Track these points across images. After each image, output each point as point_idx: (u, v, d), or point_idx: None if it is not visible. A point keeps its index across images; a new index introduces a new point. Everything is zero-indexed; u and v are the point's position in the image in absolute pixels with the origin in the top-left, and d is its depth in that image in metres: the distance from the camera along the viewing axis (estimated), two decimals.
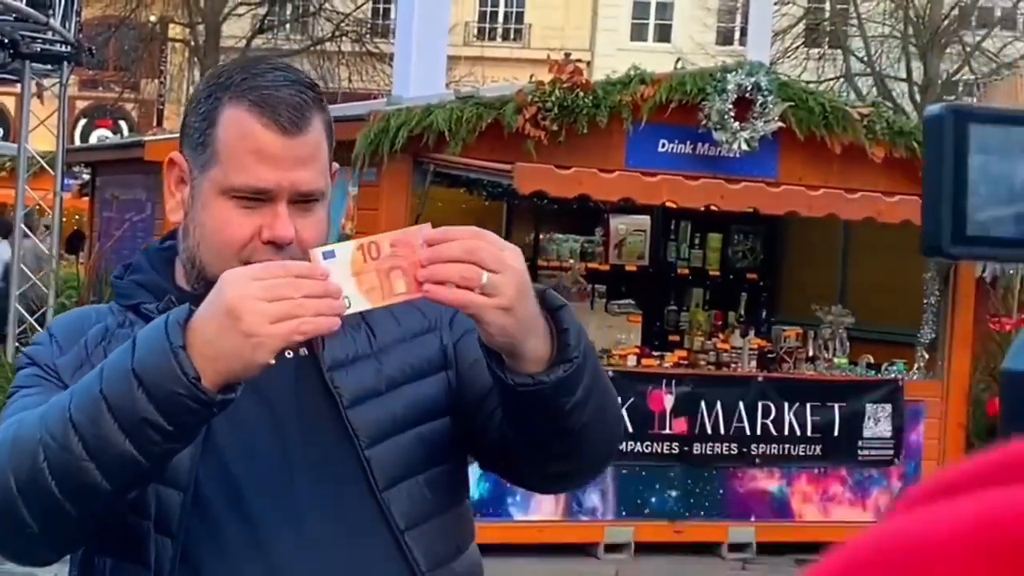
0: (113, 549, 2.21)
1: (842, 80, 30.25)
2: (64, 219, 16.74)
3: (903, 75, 30.00)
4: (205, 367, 1.94)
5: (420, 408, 2.31)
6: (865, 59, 30.55)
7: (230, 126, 2.22)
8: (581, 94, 10.89)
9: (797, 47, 30.96)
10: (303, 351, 2.24)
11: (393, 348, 2.33)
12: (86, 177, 18.57)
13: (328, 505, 2.22)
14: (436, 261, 2.00)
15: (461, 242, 2.01)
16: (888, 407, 11.58)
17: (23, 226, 13.87)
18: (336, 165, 2.35)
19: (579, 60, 11.80)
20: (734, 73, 11.27)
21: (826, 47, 32.31)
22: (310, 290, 1.96)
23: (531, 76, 11.33)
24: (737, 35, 36.97)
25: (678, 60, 12.73)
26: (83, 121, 40.81)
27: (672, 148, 11.36)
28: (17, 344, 12.91)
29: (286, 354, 2.12)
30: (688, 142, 11.33)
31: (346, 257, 2.04)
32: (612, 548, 11.00)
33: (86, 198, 18.06)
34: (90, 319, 2.35)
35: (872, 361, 11.92)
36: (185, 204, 2.28)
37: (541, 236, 13.59)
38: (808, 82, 18.25)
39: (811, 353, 12.02)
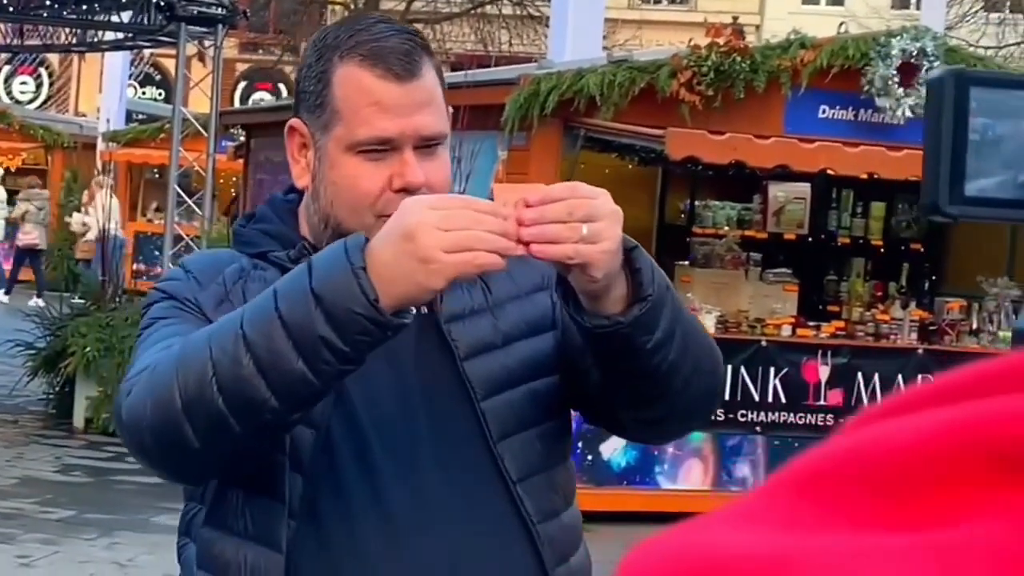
0: (247, 483, 2.26)
1: (1023, 46, 29.41)
2: (221, 181, 16.90)
3: None
4: (383, 290, 1.98)
5: (533, 364, 2.36)
6: None
7: (345, 83, 2.27)
8: (738, 59, 10.70)
9: (976, 11, 30.15)
10: (424, 308, 2.26)
11: (508, 304, 2.39)
12: (241, 139, 18.71)
13: (444, 455, 2.28)
14: (539, 222, 2.03)
15: (562, 202, 2.04)
16: None
17: (176, 187, 13.95)
18: (450, 109, 2.37)
19: (747, 24, 11.54)
20: (899, 38, 11.00)
21: (1007, 11, 31.43)
22: (490, 226, 2.00)
23: (689, 40, 11.13)
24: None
25: (841, 24, 12.42)
26: (243, 84, 41.26)
27: (833, 114, 11.16)
28: None
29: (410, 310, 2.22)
30: (850, 108, 11.12)
31: None
32: None
33: (241, 160, 18.19)
34: (223, 259, 2.40)
35: None
36: (312, 167, 2.33)
37: (697, 203, 13.37)
38: (987, 48, 17.81)
39: (975, 326, 11.69)
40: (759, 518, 0.68)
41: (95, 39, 17.35)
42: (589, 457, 10.22)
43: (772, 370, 10.73)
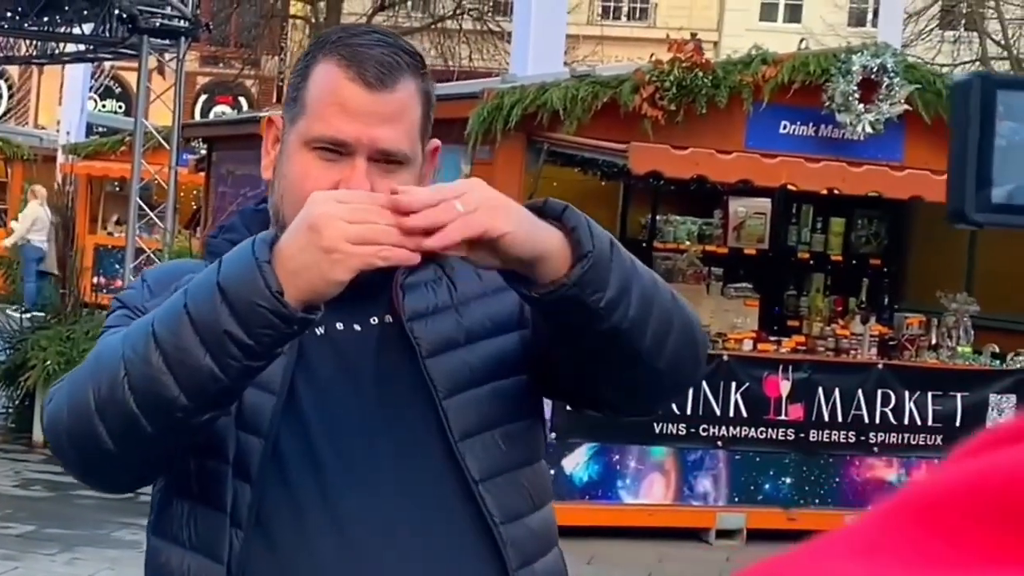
0: (192, 493, 2.23)
1: (977, 63, 29.58)
2: (182, 194, 16.85)
3: None
4: (287, 282, 1.97)
5: (498, 362, 2.31)
6: (1002, 42, 29.90)
7: (318, 79, 2.26)
8: (700, 74, 10.73)
9: (931, 29, 30.35)
10: (388, 317, 2.29)
11: (473, 302, 2.34)
12: (203, 152, 18.67)
13: (403, 457, 2.24)
14: (418, 210, 2.01)
15: (425, 194, 2.03)
16: (1013, 398, 11.30)
17: (138, 200, 13.91)
18: (437, 141, 2.35)
19: (705, 40, 11.60)
20: (860, 54, 11.06)
21: (962, 29, 31.63)
22: (395, 222, 1.99)
23: (651, 55, 11.17)
24: (870, 16, 36.31)
25: (802, 40, 12.49)
26: (203, 97, 41.16)
27: (793, 130, 11.20)
28: None
29: (371, 320, 2.28)
30: (810, 124, 11.17)
31: None
32: (724, 534, 10.85)
33: (203, 173, 18.16)
34: (183, 270, 2.37)
35: (997, 350, 11.63)
36: (275, 162, 2.33)
37: (658, 217, 13.42)
38: (942, 65, 17.94)
39: (934, 341, 11.75)
40: (879, 548, 0.65)
41: (56, 51, 17.30)
42: (552, 471, 10.15)
43: (733, 385, 10.76)
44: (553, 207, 2.10)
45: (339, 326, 2.26)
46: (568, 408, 2.55)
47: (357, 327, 2.26)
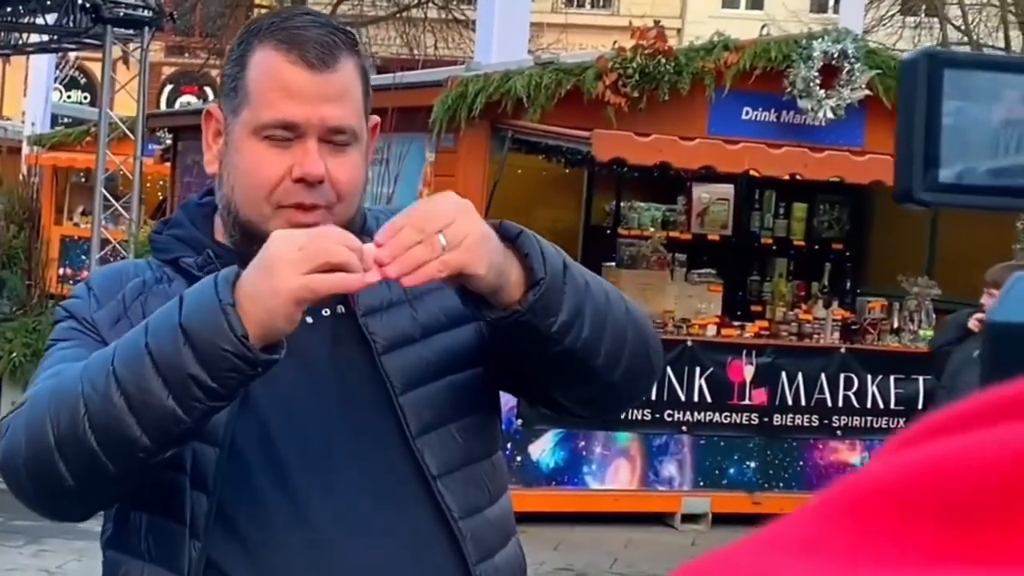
0: (149, 504, 2.20)
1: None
2: (148, 185, 16.83)
3: (1001, 45, 29.43)
4: (251, 325, 1.95)
5: (453, 356, 2.30)
6: (962, 28, 29.99)
7: (258, 66, 2.23)
8: (663, 61, 10.78)
9: (892, 15, 30.40)
10: (340, 308, 2.27)
11: (427, 296, 2.32)
12: (168, 143, 18.63)
13: (362, 455, 2.22)
14: (396, 254, 2.01)
15: (408, 227, 2.01)
16: None
17: (103, 190, 13.90)
18: (376, 118, 2.34)
19: (669, 28, 11.64)
20: (820, 40, 11.12)
21: (922, 15, 31.69)
22: (343, 256, 1.98)
23: (614, 43, 11.21)
24: (831, 2, 36.36)
25: (764, 27, 12.56)
26: (169, 87, 41.03)
27: (756, 116, 11.26)
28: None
29: (323, 312, 2.24)
30: (772, 110, 11.23)
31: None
32: (689, 518, 10.93)
33: (168, 164, 18.12)
34: (128, 273, 2.35)
35: None
36: (221, 154, 2.29)
37: (622, 204, 13.46)
38: (903, 51, 18.00)
39: (896, 325, 11.84)
40: (818, 546, 0.62)
41: (19, 42, 17.24)
42: (518, 458, 10.28)
43: (698, 370, 10.84)
44: (508, 230, 2.10)
45: None
46: None
47: (309, 319, 2.17)
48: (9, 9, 15.24)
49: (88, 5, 13.67)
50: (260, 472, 2.19)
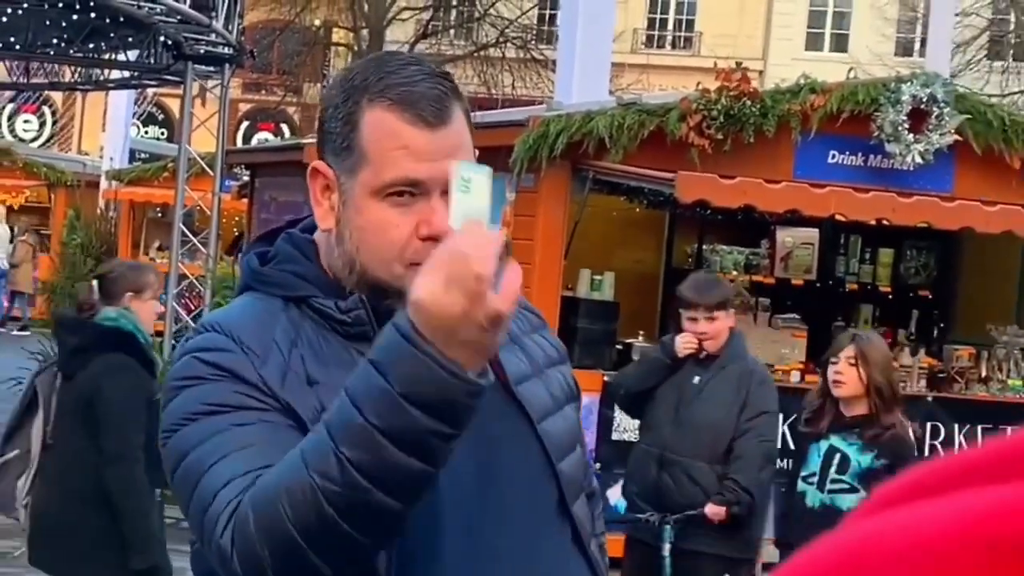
0: None
1: None
2: (223, 220, 16.84)
3: None
4: (465, 360, 1.93)
5: (576, 429, 2.43)
6: None
7: (374, 127, 2.22)
8: (748, 103, 10.65)
9: (980, 60, 30.14)
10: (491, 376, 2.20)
11: (546, 370, 2.41)
12: (245, 179, 18.68)
13: (529, 523, 2.29)
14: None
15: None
16: None
17: (181, 226, 13.90)
18: (476, 152, 2.32)
19: (750, 69, 11.51)
20: (909, 84, 10.95)
21: (1010, 60, 31.41)
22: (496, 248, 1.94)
23: (698, 84, 11.08)
24: (917, 46, 36.08)
25: (851, 69, 12.38)
26: (245, 124, 41.30)
27: (842, 159, 11.10)
28: (174, 342, 12.93)
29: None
30: (859, 154, 11.07)
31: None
32: (768, 567, 10.70)
33: (245, 200, 18.16)
34: (262, 319, 2.28)
35: None
36: (336, 210, 2.27)
37: (704, 247, 13.30)
38: (991, 95, 17.79)
39: (984, 374, 11.62)
40: None
41: (101, 77, 17.35)
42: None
43: (782, 416, 10.62)
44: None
45: None
46: (612, 438, 2.65)
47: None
48: (91, 45, 15.32)
49: (169, 42, 13.71)
50: (423, 542, 2.20)
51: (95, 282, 6.69)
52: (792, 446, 10.65)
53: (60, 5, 13.77)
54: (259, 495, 2.04)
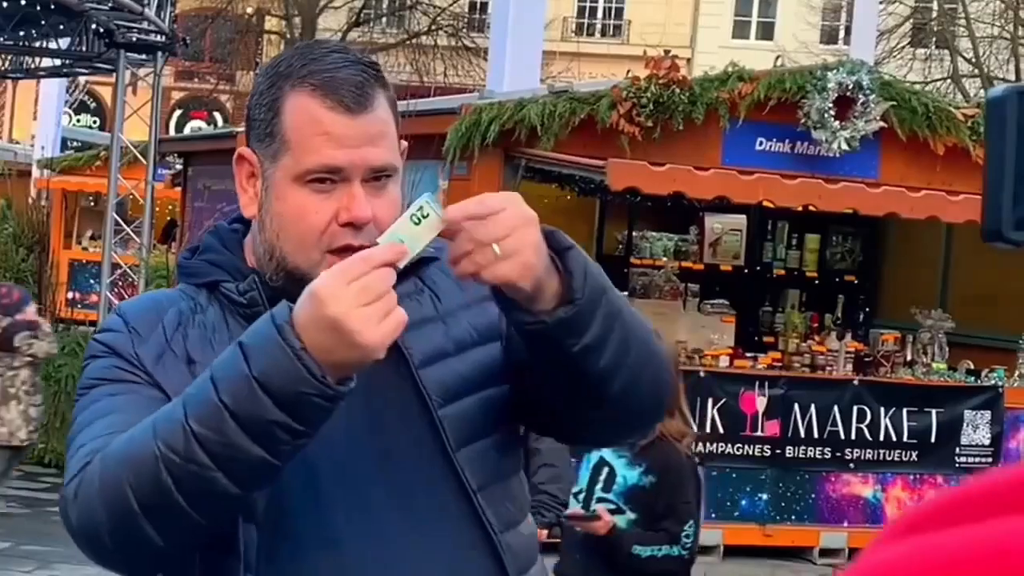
0: (202, 548, 2.20)
1: (949, 81, 29.68)
2: (157, 209, 16.81)
3: (1012, 77, 29.43)
4: (325, 363, 1.94)
5: (486, 371, 2.29)
6: (973, 60, 29.99)
7: (295, 113, 2.22)
8: (677, 91, 10.76)
9: (903, 47, 30.41)
10: None
11: (458, 312, 2.32)
12: (179, 167, 18.63)
13: (402, 470, 2.23)
14: (455, 259, 2.03)
15: (463, 236, 2.02)
16: (987, 414, 11.34)
17: (115, 215, 13.88)
18: (404, 143, 2.32)
19: (678, 57, 11.63)
20: (835, 71, 11.09)
21: (933, 47, 31.70)
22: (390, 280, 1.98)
23: (627, 72, 11.19)
24: (842, 34, 36.40)
25: (778, 57, 12.54)
26: (178, 112, 41.10)
27: (770, 147, 11.23)
28: None
29: None
30: (787, 141, 11.20)
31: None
32: (700, 550, 10.82)
33: (178, 188, 18.11)
34: (162, 304, 2.33)
35: (972, 367, 11.69)
36: (259, 197, 2.27)
37: (634, 233, 13.44)
38: (914, 83, 18.02)
39: (909, 357, 11.80)
40: None
41: (32, 65, 17.26)
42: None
43: (710, 401, 10.78)
44: (558, 241, 2.08)
45: None
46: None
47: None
48: (21, 33, 15.24)
49: (101, 30, 13.68)
50: (298, 499, 2.19)
51: None
52: (721, 431, 10.82)
53: None
54: (108, 457, 2.08)
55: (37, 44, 15.68)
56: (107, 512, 2.07)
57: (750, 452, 10.95)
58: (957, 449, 11.29)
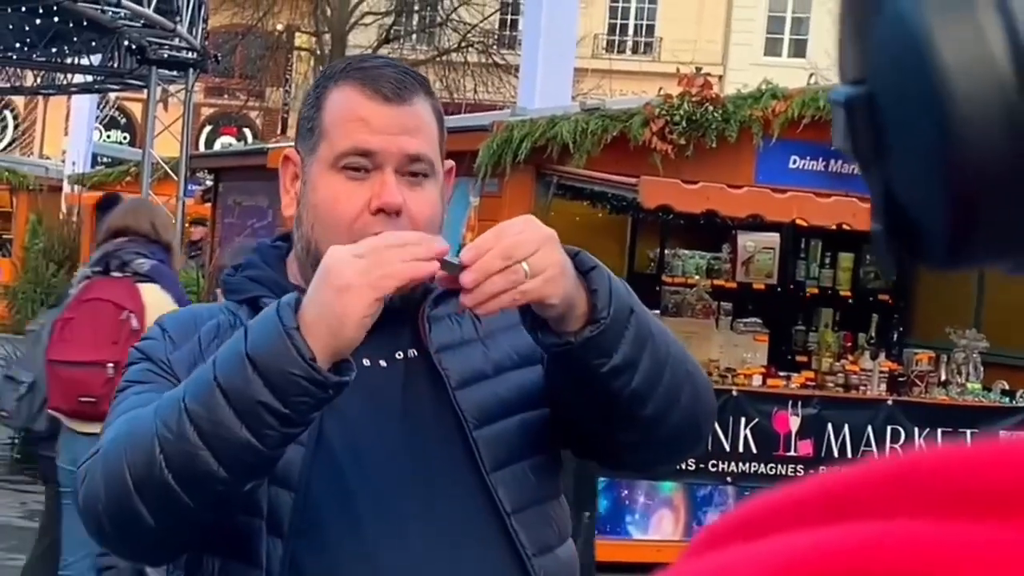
0: (223, 550, 2.19)
1: None
2: (187, 225, 16.82)
3: None
4: (315, 340, 1.94)
5: (525, 394, 2.29)
6: None
7: (336, 104, 2.25)
8: (710, 108, 10.71)
9: None
10: (412, 351, 2.27)
11: (499, 334, 2.32)
12: (209, 183, 18.66)
13: (435, 490, 2.21)
14: (479, 282, 1.99)
15: (494, 251, 2.00)
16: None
17: None
18: (451, 162, 2.35)
19: (710, 74, 11.59)
20: None
21: None
22: (410, 251, 1.99)
23: (659, 89, 11.15)
24: None
25: (811, 75, 12.47)
26: (208, 128, 41.23)
27: (803, 165, 11.17)
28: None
29: (397, 355, 2.25)
30: (820, 159, 11.14)
31: None
32: None
33: (208, 204, 18.14)
34: (202, 316, 2.36)
35: (1007, 387, 11.58)
36: (298, 196, 2.30)
37: (666, 251, 13.38)
38: None
39: (943, 377, 11.70)
40: None
41: (64, 81, 17.31)
42: None
43: (743, 420, 10.71)
44: (583, 262, 2.08)
45: (365, 363, 2.20)
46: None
47: (383, 363, 2.24)
48: (54, 49, 15.29)
49: (133, 47, 13.71)
50: (333, 517, 2.17)
51: None
52: (754, 450, 10.74)
53: (23, 9, 13.76)
54: (115, 438, 2.11)
55: (69, 60, 15.74)
56: (105, 489, 2.09)
57: (783, 472, 10.87)
58: None
